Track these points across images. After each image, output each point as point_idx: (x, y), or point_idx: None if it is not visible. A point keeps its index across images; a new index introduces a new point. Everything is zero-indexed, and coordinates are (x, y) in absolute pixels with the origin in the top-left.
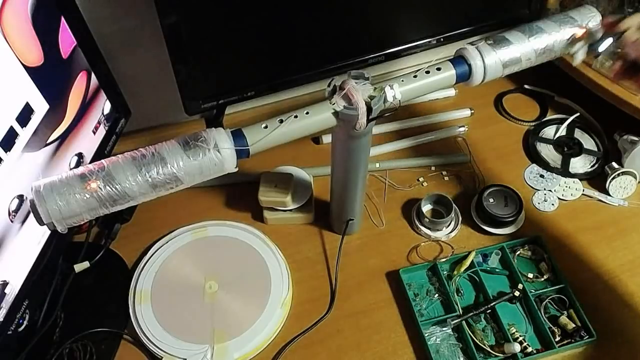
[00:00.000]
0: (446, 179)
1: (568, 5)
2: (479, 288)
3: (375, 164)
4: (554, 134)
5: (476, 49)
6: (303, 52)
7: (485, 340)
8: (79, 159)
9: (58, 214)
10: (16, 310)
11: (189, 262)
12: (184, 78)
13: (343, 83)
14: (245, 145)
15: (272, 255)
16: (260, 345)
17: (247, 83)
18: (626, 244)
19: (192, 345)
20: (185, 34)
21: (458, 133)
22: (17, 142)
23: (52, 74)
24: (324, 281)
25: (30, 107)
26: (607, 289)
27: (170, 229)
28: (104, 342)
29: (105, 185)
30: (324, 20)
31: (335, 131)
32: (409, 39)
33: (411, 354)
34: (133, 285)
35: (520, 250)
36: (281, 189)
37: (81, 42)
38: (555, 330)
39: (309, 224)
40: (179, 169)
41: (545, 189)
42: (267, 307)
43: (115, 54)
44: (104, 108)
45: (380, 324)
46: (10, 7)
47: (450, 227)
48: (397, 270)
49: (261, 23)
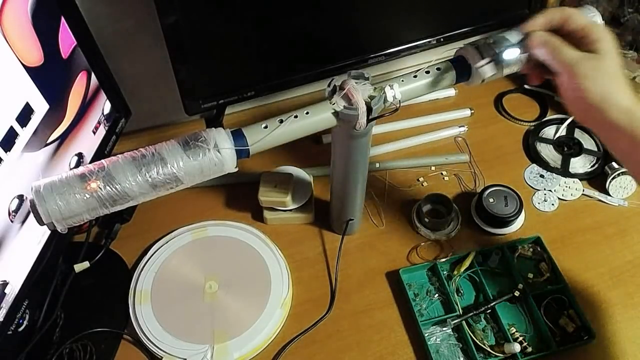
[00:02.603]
0: (446, 179)
1: (568, 5)
2: (479, 288)
3: (375, 164)
4: (554, 134)
5: (476, 49)
6: (303, 52)
7: (485, 340)
8: (79, 159)
9: (58, 214)
10: (16, 310)
11: (188, 262)
12: (184, 78)
13: (343, 83)
14: (245, 145)
15: (272, 255)
16: (260, 345)
17: (247, 83)
18: (626, 244)
19: (192, 345)
20: (185, 34)
21: (458, 133)
22: (17, 142)
23: (52, 74)
24: (324, 281)
25: (30, 107)
26: (607, 289)
27: (170, 229)
28: (104, 342)
29: (105, 185)
30: (324, 20)
31: (335, 131)
32: (409, 39)
33: (411, 354)
34: (133, 285)
35: (520, 250)
36: (281, 189)
37: (81, 42)
38: (555, 330)
39: (309, 224)
40: (179, 169)
41: (545, 189)
42: (267, 307)
43: (115, 54)
44: (104, 108)
45: (380, 324)
46: (10, 7)
47: (450, 227)
48: (397, 270)
49: (261, 23)
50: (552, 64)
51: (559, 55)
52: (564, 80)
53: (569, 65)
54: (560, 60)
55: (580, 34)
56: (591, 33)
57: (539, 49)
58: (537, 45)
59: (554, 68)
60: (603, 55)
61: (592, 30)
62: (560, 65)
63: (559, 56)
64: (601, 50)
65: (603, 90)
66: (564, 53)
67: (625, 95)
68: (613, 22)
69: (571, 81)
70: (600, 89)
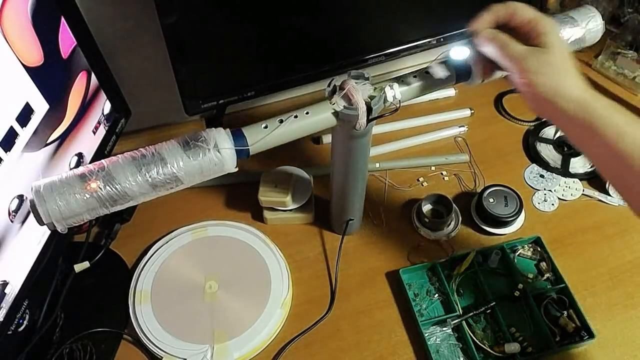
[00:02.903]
0: (446, 179)
1: (568, 5)
2: (479, 288)
3: (375, 164)
4: (554, 133)
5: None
6: (303, 52)
7: (485, 340)
8: (79, 159)
9: (58, 214)
10: (16, 310)
11: (189, 262)
12: (184, 78)
13: (343, 83)
14: (245, 145)
15: (272, 255)
16: (260, 345)
17: (247, 83)
18: (626, 244)
19: (192, 345)
20: (185, 34)
21: (458, 133)
22: (17, 142)
23: (52, 74)
24: (324, 281)
25: (30, 107)
26: (607, 289)
27: (170, 229)
28: (104, 342)
29: (105, 185)
30: (324, 20)
31: (335, 131)
32: (409, 39)
33: (411, 354)
34: (133, 285)
35: (520, 250)
36: (281, 189)
37: (81, 42)
38: (555, 330)
39: (309, 224)
40: (179, 169)
41: (545, 189)
42: (267, 307)
43: (115, 54)
44: (104, 108)
45: (380, 324)
46: (10, 7)
47: (450, 227)
48: (397, 270)
49: (261, 23)
50: (500, 60)
51: (506, 52)
52: (515, 75)
53: (516, 60)
54: (507, 56)
55: (527, 28)
56: (537, 26)
57: (486, 46)
58: (484, 42)
59: (502, 64)
60: (550, 49)
61: (538, 23)
62: (509, 61)
63: (506, 52)
64: (548, 43)
65: (553, 84)
66: (511, 49)
67: (576, 86)
68: (613, 22)
69: (521, 76)
70: (550, 82)
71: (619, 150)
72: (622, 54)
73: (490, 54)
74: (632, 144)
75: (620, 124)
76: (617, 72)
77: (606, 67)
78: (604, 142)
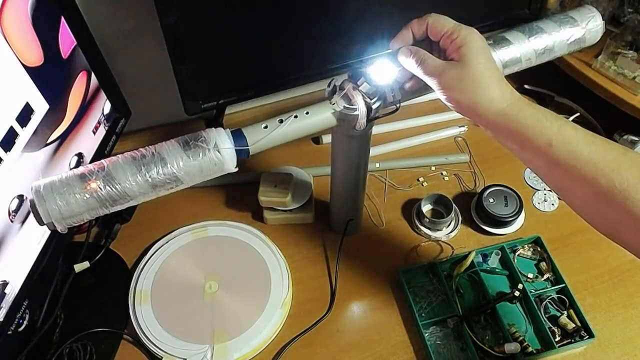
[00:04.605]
0: (446, 179)
1: (568, 5)
2: (479, 288)
3: (375, 164)
4: None
5: None
6: (303, 52)
7: (485, 340)
8: (79, 159)
9: (58, 214)
10: (16, 310)
11: (189, 262)
12: (184, 78)
13: (343, 83)
14: (245, 145)
15: (272, 255)
16: (260, 346)
17: (247, 83)
18: None
19: (192, 345)
20: (185, 34)
21: (458, 133)
22: (17, 142)
23: (52, 74)
24: (324, 281)
25: (30, 107)
26: (607, 289)
27: (170, 229)
28: (104, 342)
29: (105, 185)
30: (323, 20)
31: (335, 131)
32: None
33: (411, 354)
34: (133, 285)
35: (520, 250)
36: (281, 189)
37: (81, 42)
38: (555, 330)
39: (309, 224)
40: (179, 169)
41: (545, 189)
42: (267, 307)
43: (115, 54)
44: (104, 108)
45: (381, 324)
46: (10, 7)
47: (450, 227)
48: (397, 270)
49: (261, 23)
50: (420, 76)
51: (422, 67)
52: (435, 90)
53: (434, 76)
54: (425, 73)
55: (447, 41)
56: (456, 39)
57: (405, 62)
58: (403, 59)
59: (423, 80)
60: (466, 62)
61: (455, 35)
62: (426, 77)
63: (423, 68)
64: (463, 56)
65: (470, 99)
66: (428, 65)
67: (494, 99)
68: (613, 22)
69: (440, 92)
70: (466, 97)
71: (554, 159)
72: (622, 54)
73: (410, 70)
74: (565, 151)
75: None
76: (617, 72)
77: (606, 67)
78: (536, 152)
